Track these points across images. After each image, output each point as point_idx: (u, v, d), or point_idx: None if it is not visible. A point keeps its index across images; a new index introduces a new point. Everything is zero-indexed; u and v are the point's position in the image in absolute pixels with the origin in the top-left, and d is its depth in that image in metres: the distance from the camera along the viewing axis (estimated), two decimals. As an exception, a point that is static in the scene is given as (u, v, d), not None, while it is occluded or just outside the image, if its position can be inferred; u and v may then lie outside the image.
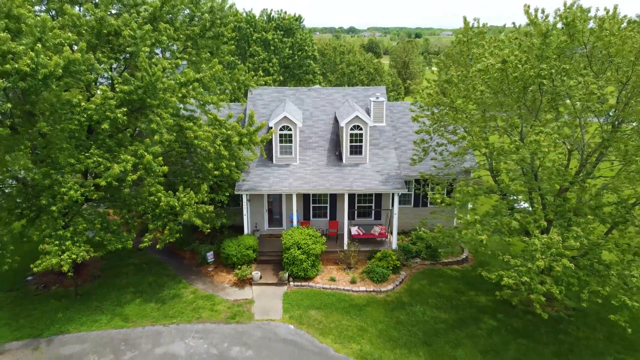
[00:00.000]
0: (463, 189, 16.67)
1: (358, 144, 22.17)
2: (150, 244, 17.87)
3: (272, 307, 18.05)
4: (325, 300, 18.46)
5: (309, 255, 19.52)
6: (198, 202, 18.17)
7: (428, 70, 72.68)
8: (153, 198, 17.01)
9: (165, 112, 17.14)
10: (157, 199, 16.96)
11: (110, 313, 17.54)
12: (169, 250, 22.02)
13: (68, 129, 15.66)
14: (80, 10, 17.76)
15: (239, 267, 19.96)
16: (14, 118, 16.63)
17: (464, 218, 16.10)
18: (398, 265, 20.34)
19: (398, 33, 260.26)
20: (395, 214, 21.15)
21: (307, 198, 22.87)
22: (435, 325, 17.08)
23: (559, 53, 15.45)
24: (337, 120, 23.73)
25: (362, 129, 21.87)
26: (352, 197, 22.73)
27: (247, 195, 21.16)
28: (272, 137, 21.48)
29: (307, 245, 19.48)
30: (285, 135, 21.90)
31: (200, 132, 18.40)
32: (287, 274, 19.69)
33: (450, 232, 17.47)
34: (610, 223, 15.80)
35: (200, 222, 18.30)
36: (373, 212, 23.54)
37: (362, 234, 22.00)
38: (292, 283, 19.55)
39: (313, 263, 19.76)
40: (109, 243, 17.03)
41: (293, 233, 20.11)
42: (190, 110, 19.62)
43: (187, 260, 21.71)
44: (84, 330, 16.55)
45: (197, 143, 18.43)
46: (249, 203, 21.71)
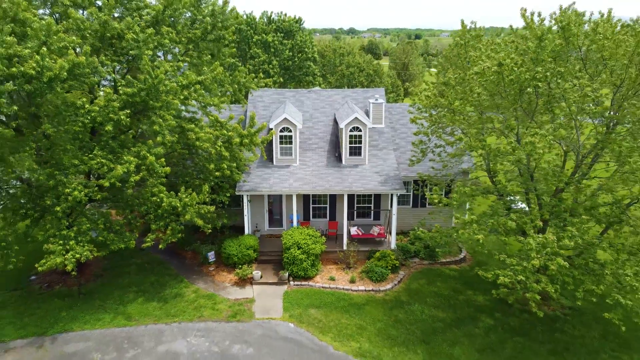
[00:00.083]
0: (460, 190, 16.90)
1: (357, 146, 22.41)
2: (152, 244, 18.14)
3: (272, 306, 18.30)
4: (325, 299, 18.71)
5: (309, 255, 19.77)
6: (199, 202, 18.43)
7: (427, 72, 72.89)
8: (155, 199, 17.26)
9: (168, 114, 17.38)
10: (159, 200, 17.21)
11: (113, 312, 17.79)
12: (171, 250, 22.26)
13: (72, 131, 15.90)
14: (84, 14, 18.03)
15: (240, 266, 20.20)
16: (19, 120, 16.89)
17: (461, 218, 16.35)
18: (397, 265, 20.58)
19: (398, 34, 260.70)
20: (394, 215, 21.40)
21: (307, 199, 23.12)
22: (433, 324, 17.31)
23: (555, 56, 15.69)
24: (336, 122, 23.98)
25: (361, 131, 22.13)
26: (351, 197, 22.99)
27: (247, 196, 21.41)
28: (272, 138, 21.73)
29: (307, 245, 19.72)
30: (286, 137, 22.15)
31: (202, 133, 18.63)
32: (287, 274, 19.94)
33: (448, 232, 17.71)
34: (606, 223, 16.03)
35: (202, 222, 18.56)
36: (372, 212, 23.78)
37: (361, 234, 22.24)
38: (292, 282, 19.80)
39: (313, 263, 20.01)
40: (112, 243, 17.28)
41: (293, 233, 20.36)
42: (192, 112, 19.87)
43: (188, 260, 21.96)
44: (88, 329, 16.81)
45: (198, 144, 18.65)
46: (250, 204, 21.95)
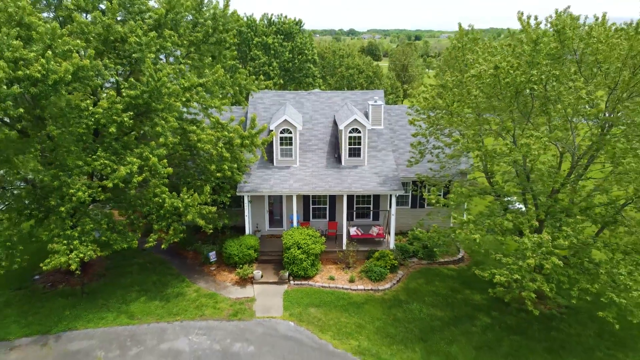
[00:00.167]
0: (457, 190, 17.17)
1: (356, 147, 22.69)
2: (155, 244, 18.37)
3: (273, 305, 18.56)
4: (325, 299, 18.96)
5: (309, 255, 20.02)
6: (201, 203, 18.68)
7: (426, 74, 73.12)
8: (158, 199, 17.52)
9: (170, 115, 17.64)
10: (161, 200, 17.46)
11: (116, 310, 18.06)
12: (172, 250, 22.52)
13: (76, 133, 16.14)
14: (88, 18, 18.30)
15: (241, 266, 20.45)
16: (24, 122, 17.14)
17: (459, 218, 16.61)
18: (395, 265, 20.83)
19: (398, 35, 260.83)
20: (393, 215, 21.65)
21: (307, 199, 23.39)
22: (431, 323, 17.57)
23: (550, 59, 15.96)
24: (336, 124, 24.25)
25: (360, 132, 22.40)
26: (350, 198, 23.26)
27: (248, 197, 21.67)
28: (272, 139, 22.00)
29: (307, 245, 19.98)
30: (286, 138, 22.42)
31: (204, 135, 18.89)
32: (287, 273, 20.20)
33: (446, 232, 17.97)
34: (601, 223, 16.29)
35: (203, 222, 18.81)
36: (371, 213, 24.04)
37: (360, 234, 22.50)
38: (292, 282, 20.06)
39: (313, 262, 20.27)
40: (115, 243, 17.51)
41: (293, 233, 20.61)
42: (194, 114, 20.14)
43: (190, 260, 22.22)
44: (91, 327, 17.07)
45: (200, 146, 18.90)
46: (250, 204, 22.21)
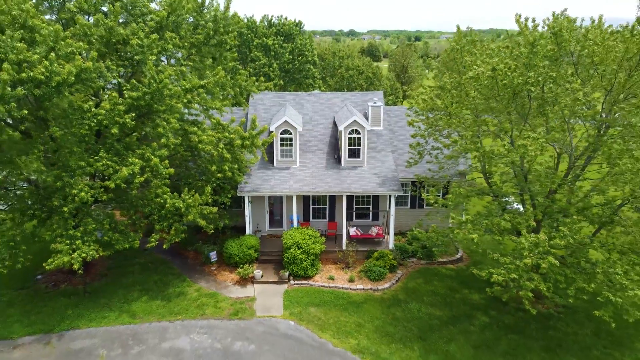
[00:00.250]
0: (456, 191, 17.36)
1: (356, 148, 22.87)
2: (156, 244, 18.54)
3: (273, 304, 18.74)
4: (324, 298, 19.14)
5: (309, 255, 20.20)
6: (202, 203, 18.84)
7: (425, 77, 73.28)
8: (159, 199, 17.69)
9: (172, 117, 17.82)
10: (163, 201, 17.63)
11: (118, 310, 18.24)
12: (173, 250, 22.69)
13: (79, 134, 16.32)
14: (91, 20, 18.50)
15: (241, 266, 20.62)
16: (27, 123, 17.32)
17: (457, 218, 16.78)
18: (395, 265, 21.01)
19: (398, 36, 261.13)
20: (392, 215, 21.83)
21: (307, 200, 23.57)
22: (430, 322, 17.74)
23: (547, 61, 16.14)
24: (336, 125, 24.43)
25: (360, 133, 22.58)
26: (350, 198, 23.43)
27: (249, 197, 21.85)
28: (273, 140, 22.19)
29: (306, 245, 20.15)
30: (286, 139, 22.61)
31: (205, 136, 19.05)
32: (287, 273, 20.37)
33: (445, 232, 18.16)
34: (598, 223, 16.45)
35: (204, 222, 18.97)
36: (371, 213, 24.22)
37: (360, 235, 22.67)
38: (292, 281, 20.24)
39: (312, 262, 20.44)
40: (117, 243, 17.70)
41: (293, 233, 20.78)
42: (195, 115, 20.30)
43: (191, 260, 22.41)
44: (93, 326, 17.25)
45: (201, 147, 19.06)
46: (251, 204, 22.38)
